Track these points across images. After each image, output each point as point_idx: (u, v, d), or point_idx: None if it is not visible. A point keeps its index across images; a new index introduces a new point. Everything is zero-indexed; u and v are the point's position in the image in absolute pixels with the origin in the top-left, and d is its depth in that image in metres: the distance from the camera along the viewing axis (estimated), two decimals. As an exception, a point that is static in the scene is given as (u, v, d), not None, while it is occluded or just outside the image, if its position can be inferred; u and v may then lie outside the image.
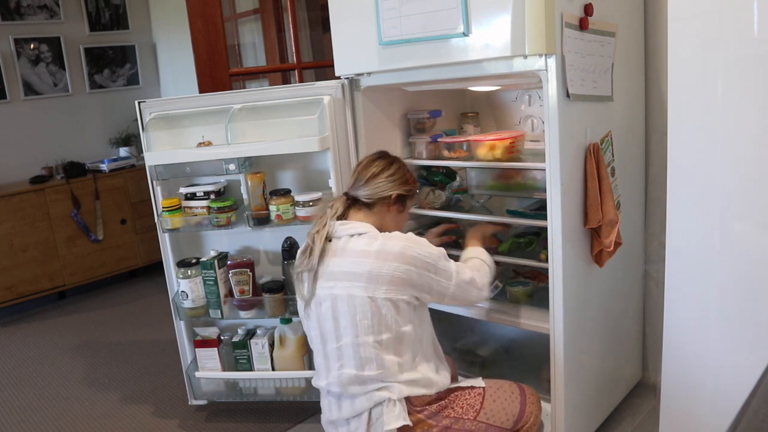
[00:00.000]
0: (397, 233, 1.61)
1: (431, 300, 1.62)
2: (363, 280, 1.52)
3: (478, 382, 1.69)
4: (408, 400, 1.57)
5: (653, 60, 2.11)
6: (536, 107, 2.26)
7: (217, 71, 2.76)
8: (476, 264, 1.75)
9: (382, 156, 1.73)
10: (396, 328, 1.54)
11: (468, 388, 1.66)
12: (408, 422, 1.54)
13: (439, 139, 2.18)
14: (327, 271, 1.58)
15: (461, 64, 1.78)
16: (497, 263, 2.24)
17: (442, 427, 1.58)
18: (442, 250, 1.63)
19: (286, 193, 2.19)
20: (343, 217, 1.66)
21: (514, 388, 1.71)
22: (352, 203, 1.68)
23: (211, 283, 2.25)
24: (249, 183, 2.20)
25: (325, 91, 2.11)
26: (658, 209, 2.16)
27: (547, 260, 1.81)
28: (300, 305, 1.69)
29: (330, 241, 1.61)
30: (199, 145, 2.19)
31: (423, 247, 1.57)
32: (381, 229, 1.64)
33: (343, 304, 1.55)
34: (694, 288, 1.63)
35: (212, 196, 2.28)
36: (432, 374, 1.61)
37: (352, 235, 1.59)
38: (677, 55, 1.54)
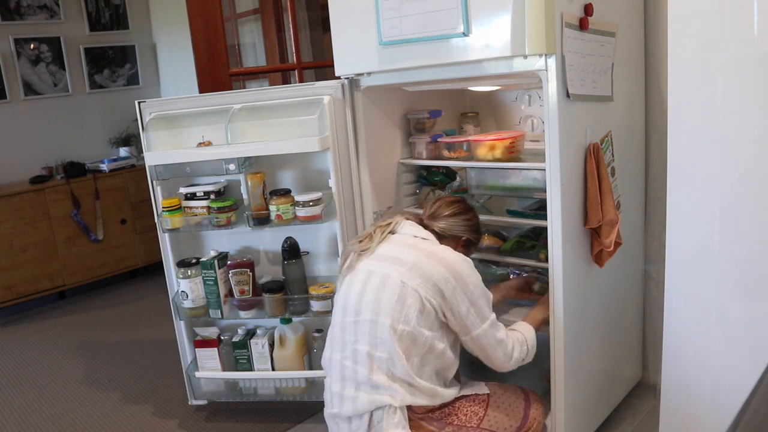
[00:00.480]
0: (459, 254, 1.64)
1: (455, 324, 1.59)
2: (405, 266, 1.57)
3: (482, 388, 1.68)
4: (410, 407, 1.56)
5: (653, 60, 2.11)
6: (536, 107, 2.26)
7: (217, 71, 2.76)
8: (518, 336, 1.71)
9: (463, 201, 1.84)
10: (415, 326, 1.53)
11: (472, 395, 1.65)
12: (407, 431, 1.54)
13: (439, 139, 2.18)
14: (375, 254, 1.65)
15: (461, 64, 1.78)
16: (497, 263, 2.25)
17: None
18: (491, 295, 1.64)
19: (286, 193, 2.19)
20: None
21: (518, 394, 1.71)
22: (424, 226, 1.75)
23: (211, 283, 2.25)
24: (249, 183, 2.21)
25: (325, 91, 2.11)
26: (658, 209, 2.16)
27: (547, 260, 1.81)
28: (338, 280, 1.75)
29: (393, 233, 1.70)
30: (199, 145, 2.19)
31: (474, 276, 1.59)
32: None
33: (376, 279, 1.58)
34: (694, 288, 1.63)
35: (212, 196, 2.28)
36: (439, 388, 1.60)
37: (416, 236, 1.67)
38: (677, 55, 1.54)
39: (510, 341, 1.66)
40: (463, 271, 1.57)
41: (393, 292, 1.54)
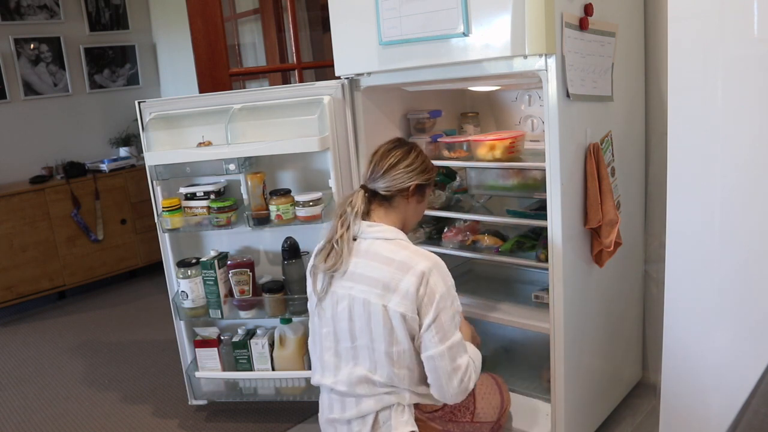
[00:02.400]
0: (426, 252, 1.52)
1: (413, 335, 1.49)
2: (379, 287, 1.48)
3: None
4: (416, 406, 1.56)
5: (653, 60, 2.11)
6: (536, 107, 2.26)
7: (217, 71, 2.76)
8: (476, 365, 1.57)
9: (399, 144, 1.63)
10: (406, 344, 1.48)
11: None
12: (415, 428, 1.53)
13: (439, 139, 2.18)
14: (348, 271, 1.53)
15: (461, 64, 1.78)
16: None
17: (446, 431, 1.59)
18: (459, 309, 1.52)
19: (286, 193, 2.19)
20: (366, 215, 1.59)
21: (490, 381, 1.74)
22: (371, 197, 1.60)
23: (211, 283, 2.25)
24: (249, 183, 2.21)
25: (325, 91, 2.11)
26: (658, 209, 2.16)
27: (547, 260, 1.81)
28: (311, 301, 1.64)
29: (354, 240, 1.55)
30: (199, 145, 2.19)
31: (442, 285, 1.47)
32: (404, 225, 1.62)
33: (359, 307, 1.50)
34: (694, 288, 1.63)
35: (212, 196, 2.28)
36: None
37: (378, 239, 1.54)
38: (677, 55, 1.54)
39: (469, 369, 1.51)
40: (434, 279, 1.45)
41: (378, 318, 1.48)
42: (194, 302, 2.28)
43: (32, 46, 4.11)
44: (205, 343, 2.36)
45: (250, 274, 2.29)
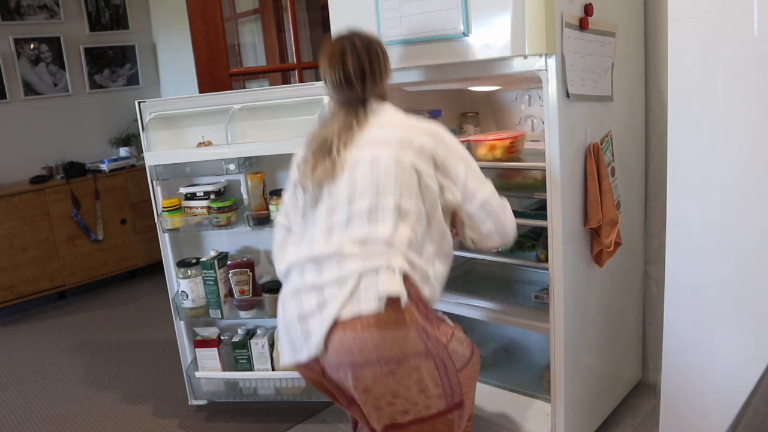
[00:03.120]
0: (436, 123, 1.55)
1: (456, 195, 1.46)
2: (393, 143, 1.44)
3: (448, 320, 1.56)
4: (416, 304, 1.39)
5: (653, 60, 2.11)
6: (536, 107, 2.26)
7: (217, 71, 2.76)
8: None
9: (356, 47, 1.51)
10: (418, 202, 1.42)
11: (442, 317, 1.55)
12: (404, 296, 1.35)
13: (439, 139, 2.18)
14: (353, 143, 1.48)
15: (461, 64, 1.78)
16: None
17: (422, 328, 1.38)
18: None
19: (286, 193, 2.19)
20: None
21: (468, 340, 1.58)
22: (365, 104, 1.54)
23: (211, 283, 2.25)
24: (249, 183, 2.21)
25: (325, 91, 2.11)
26: (658, 209, 2.16)
27: (547, 260, 1.81)
28: (298, 195, 1.54)
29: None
30: (199, 145, 2.19)
31: (456, 140, 1.51)
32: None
33: (365, 167, 1.43)
34: (694, 288, 1.63)
35: (212, 196, 2.28)
36: (430, 271, 1.45)
37: (381, 116, 1.53)
38: (677, 55, 1.54)
39: (509, 209, 1.56)
40: (447, 136, 1.49)
41: (389, 172, 1.40)
42: (194, 302, 2.28)
43: (32, 46, 4.11)
44: (205, 343, 2.36)
45: (250, 274, 2.29)
